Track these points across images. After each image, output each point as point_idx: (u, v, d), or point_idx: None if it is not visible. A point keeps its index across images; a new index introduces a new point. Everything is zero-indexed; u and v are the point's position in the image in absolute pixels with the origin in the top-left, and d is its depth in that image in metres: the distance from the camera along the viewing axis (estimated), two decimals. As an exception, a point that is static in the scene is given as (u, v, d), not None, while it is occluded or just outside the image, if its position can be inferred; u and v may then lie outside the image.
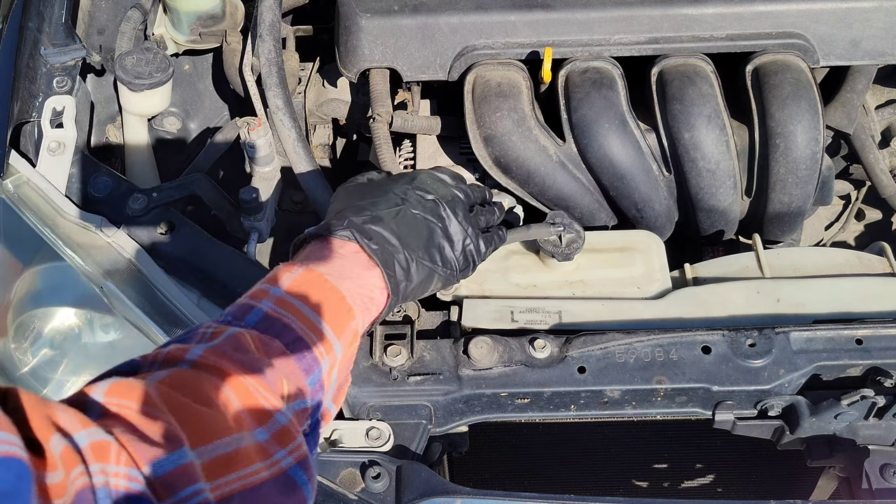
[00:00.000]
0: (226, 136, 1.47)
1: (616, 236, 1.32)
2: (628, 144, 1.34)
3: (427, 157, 1.48)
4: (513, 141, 1.32)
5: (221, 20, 1.52)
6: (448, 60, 1.38)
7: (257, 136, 1.36)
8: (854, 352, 1.13)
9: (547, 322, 1.19)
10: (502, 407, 1.14)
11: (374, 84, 1.41)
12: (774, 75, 1.34)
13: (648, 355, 1.13)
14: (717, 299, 1.22)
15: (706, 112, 1.32)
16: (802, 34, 1.36)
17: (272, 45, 1.36)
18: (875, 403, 1.11)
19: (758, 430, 1.19)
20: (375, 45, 1.39)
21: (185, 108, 1.63)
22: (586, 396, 1.13)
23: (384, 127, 1.40)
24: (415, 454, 1.11)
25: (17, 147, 1.33)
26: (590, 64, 1.36)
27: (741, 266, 1.29)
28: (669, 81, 1.34)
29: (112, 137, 1.53)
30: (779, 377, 1.12)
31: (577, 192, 1.37)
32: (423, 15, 1.37)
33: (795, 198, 1.37)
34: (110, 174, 1.32)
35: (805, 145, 1.32)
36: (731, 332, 1.14)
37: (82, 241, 1.24)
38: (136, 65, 1.42)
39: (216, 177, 1.53)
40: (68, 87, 1.38)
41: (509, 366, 1.13)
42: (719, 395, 1.13)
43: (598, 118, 1.32)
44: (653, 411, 1.15)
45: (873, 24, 1.36)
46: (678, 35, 1.36)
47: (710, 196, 1.36)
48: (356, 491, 1.07)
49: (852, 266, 1.29)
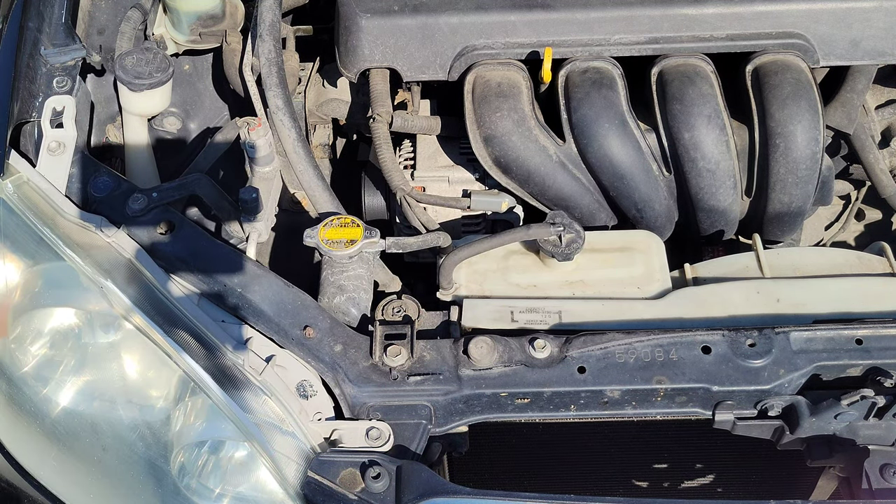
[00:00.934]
0: (226, 136, 1.47)
1: (616, 236, 1.32)
2: (628, 144, 1.34)
3: (427, 157, 1.48)
4: (513, 141, 1.32)
5: (221, 20, 1.52)
6: (448, 60, 1.38)
7: (257, 136, 1.36)
8: (854, 352, 1.13)
9: (547, 322, 1.19)
10: (502, 407, 1.14)
11: (374, 84, 1.41)
12: (774, 75, 1.34)
13: (648, 355, 1.13)
14: (717, 299, 1.22)
15: (706, 112, 1.32)
16: (802, 34, 1.36)
17: (272, 45, 1.36)
18: (875, 403, 1.11)
19: (758, 430, 1.19)
20: (375, 45, 1.39)
21: (185, 108, 1.63)
22: (586, 396, 1.13)
23: (384, 127, 1.40)
24: (415, 454, 1.11)
25: (17, 147, 1.33)
26: (590, 64, 1.36)
27: (741, 266, 1.29)
28: (669, 81, 1.35)
29: (112, 137, 1.53)
30: (779, 377, 1.12)
31: (577, 192, 1.37)
32: (423, 15, 1.37)
33: (795, 198, 1.37)
34: (110, 174, 1.32)
35: (805, 145, 1.32)
36: (731, 332, 1.14)
37: (82, 241, 1.23)
38: (136, 65, 1.42)
39: (216, 177, 1.53)
40: (68, 87, 1.38)
41: (509, 366, 1.13)
42: (719, 395, 1.13)
43: (598, 118, 1.32)
44: (653, 411, 1.15)
45: (873, 25, 1.36)
46: (678, 35, 1.37)
47: (710, 196, 1.36)
48: (356, 491, 1.06)
49: (852, 266, 1.29)
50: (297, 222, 1.52)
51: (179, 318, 1.17)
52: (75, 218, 1.25)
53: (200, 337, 1.16)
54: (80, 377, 1.25)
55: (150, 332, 1.16)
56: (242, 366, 1.13)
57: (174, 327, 1.16)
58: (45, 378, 1.24)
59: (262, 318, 1.18)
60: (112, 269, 1.21)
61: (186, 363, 1.12)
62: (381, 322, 1.17)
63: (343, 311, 1.22)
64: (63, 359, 1.25)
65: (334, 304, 1.23)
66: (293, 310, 1.19)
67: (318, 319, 1.19)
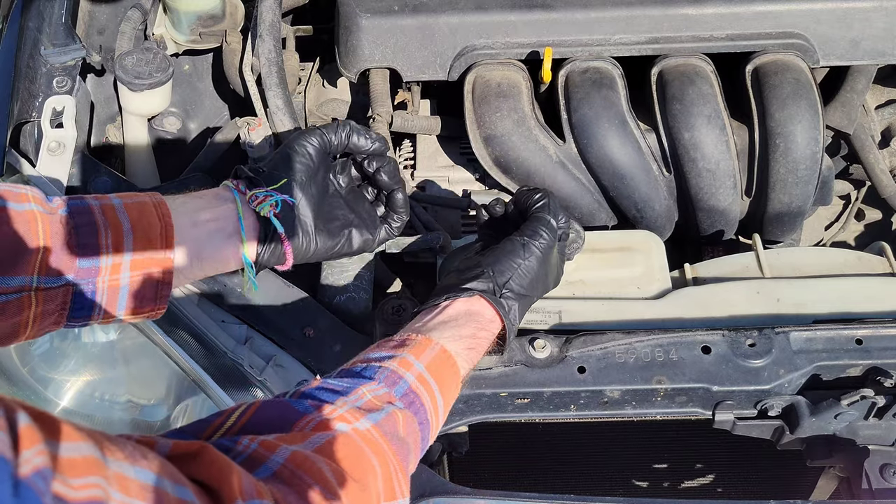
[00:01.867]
0: (226, 136, 1.47)
1: (616, 236, 1.32)
2: (628, 144, 1.34)
3: (427, 157, 1.48)
4: (513, 141, 1.32)
5: (221, 20, 1.52)
6: (448, 60, 1.38)
7: (257, 136, 1.36)
8: (854, 352, 1.13)
9: (547, 322, 1.19)
10: (502, 407, 1.14)
11: (374, 84, 1.41)
12: (774, 75, 1.34)
13: (648, 355, 1.13)
14: (717, 299, 1.22)
15: (706, 112, 1.32)
16: (802, 34, 1.36)
17: (272, 45, 1.36)
18: (875, 403, 1.11)
19: (758, 430, 1.19)
20: (375, 45, 1.39)
21: (185, 108, 1.63)
22: (586, 396, 1.13)
23: (384, 127, 1.40)
24: (415, 454, 1.11)
25: (17, 147, 1.33)
26: (590, 64, 1.36)
27: (741, 266, 1.29)
28: (669, 81, 1.34)
29: (112, 137, 1.53)
30: (779, 377, 1.12)
31: (577, 192, 1.37)
32: (423, 15, 1.37)
33: (795, 198, 1.37)
34: (110, 174, 1.32)
35: (805, 145, 1.32)
36: (730, 332, 1.14)
37: (82, 241, 1.23)
38: (136, 65, 1.42)
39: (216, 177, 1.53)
40: (68, 87, 1.38)
41: (509, 366, 1.13)
42: (719, 395, 1.13)
43: (598, 118, 1.32)
44: (653, 411, 1.15)
45: (873, 24, 1.36)
46: (678, 35, 1.37)
47: (710, 196, 1.36)
48: (356, 491, 1.06)
49: (852, 266, 1.29)
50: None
51: (179, 318, 1.17)
52: (75, 218, 1.25)
53: (200, 337, 1.16)
54: (80, 377, 1.25)
55: (149, 332, 1.16)
56: (242, 366, 1.13)
57: (174, 327, 1.16)
58: (45, 378, 1.24)
59: (262, 318, 1.18)
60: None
61: (186, 363, 1.12)
62: (382, 322, 1.17)
63: (343, 311, 1.22)
64: (63, 359, 1.25)
65: (334, 304, 1.23)
66: (293, 310, 1.19)
67: (318, 319, 1.19)
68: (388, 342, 0.95)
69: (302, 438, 0.73)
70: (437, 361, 0.92)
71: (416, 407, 0.87)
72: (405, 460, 0.82)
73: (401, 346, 0.93)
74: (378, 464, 0.77)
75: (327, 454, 0.73)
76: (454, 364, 0.94)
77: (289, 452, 0.70)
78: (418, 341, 0.93)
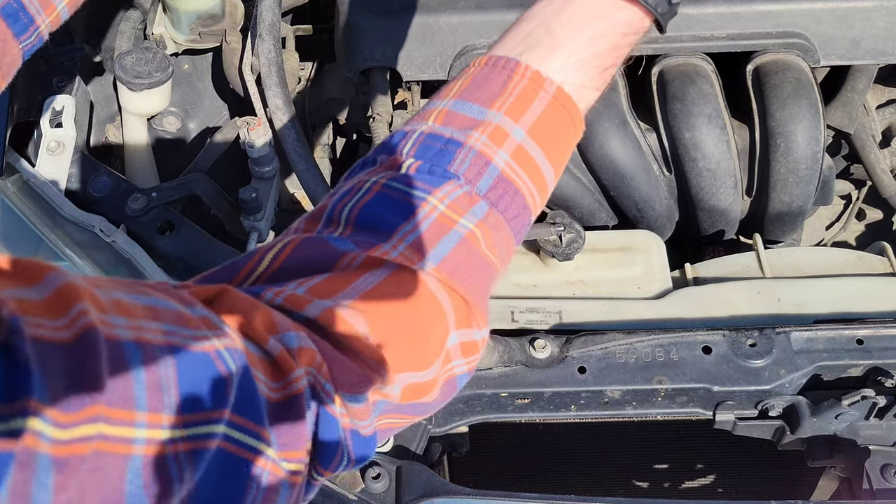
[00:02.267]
0: (226, 136, 1.47)
1: (616, 236, 1.32)
2: (629, 144, 1.34)
3: (427, 157, 1.48)
4: (513, 141, 1.32)
5: (221, 20, 1.52)
6: (448, 60, 1.38)
7: (257, 136, 1.35)
8: (855, 352, 1.13)
9: (547, 322, 1.19)
10: (502, 407, 1.14)
11: (374, 84, 1.41)
12: (775, 75, 1.33)
13: (649, 355, 1.13)
14: (718, 299, 1.21)
15: (707, 112, 1.32)
16: (803, 34, 1.36)
17: (272, 45, 1.36)
18: (876, 403, 1.11)
19: (758, 430, 1.19)
20: (375, 45, 1.38)
21: (184, 108, 1.63)
22: (586, 396, 1.13)
23: (384, 127, 1.39)
24: (415, 454, 1.11)
25: (16, 147, 1.33)
26: (590, 63, 1.36)
27: (742, 266, 1.29)
28: (670, 81, 1.34)
29: (112, 137, 1.53)
30: (779, 377, 1.12)
31: (577, 192, 1.37)
32: (423, 14, 1.37)
33: (796, 197, 1.37)
34: (110, 174, 1.31)
35: (806, 145, 1.32)
36: (731, 333, 1.14)
37: (82, 241, 1.23)
38: (135, 64, 1.41)
39: (216, 177, 1.53)
40: (68, 87, 1.38)
41: (509, 366, 1.13)
42: (720, 395, 1.13)
43: (599, 118, 1.32)
44: (653, 411, 1.15)
45: (874, 24, 1.35)
46: (678, 35, 1.36)
47: (710, 196, 1.36)
48: (356, 491, 1.06)
49: (853, 266, 1.29)
50: (297, 222, 1.52)
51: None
52: (75, 218, 1.25)
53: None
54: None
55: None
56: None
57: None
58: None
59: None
60: (112, 270, 1.21)
61: None
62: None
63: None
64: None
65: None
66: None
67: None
68: (468, 81, 0.67)
69: (345, 283, 0.59)
70: (547, 116, 0.66)
71: (506, 201, 0.65)
72: (486, 287, 0.65)
73: (493, 98, 0.65)
74: (439, 309, 0.61)
75: (374, 301, 0.58)
76: (574, 111, 0.69)
77: (320, 310, 0.57)
78: (522, 85, 0.66)
